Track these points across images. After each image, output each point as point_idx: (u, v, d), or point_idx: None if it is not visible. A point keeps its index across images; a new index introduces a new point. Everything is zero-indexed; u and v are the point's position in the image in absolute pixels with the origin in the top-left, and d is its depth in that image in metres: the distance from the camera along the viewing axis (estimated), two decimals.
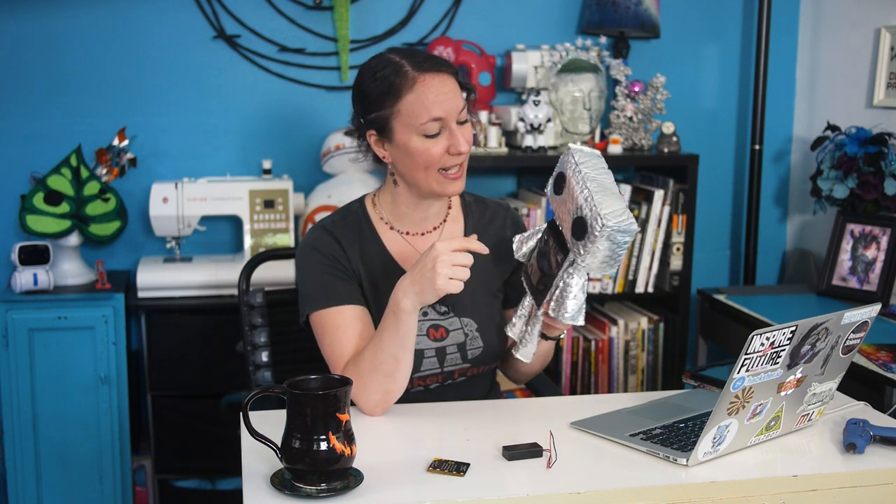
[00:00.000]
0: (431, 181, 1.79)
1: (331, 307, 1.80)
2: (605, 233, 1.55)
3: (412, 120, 1.75)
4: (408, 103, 1.75)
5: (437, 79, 1.76)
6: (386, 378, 1.71)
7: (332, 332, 1.79)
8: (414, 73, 1.75)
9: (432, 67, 1.76)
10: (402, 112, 1.76)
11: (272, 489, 1.41)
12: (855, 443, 1.57)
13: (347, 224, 1.89)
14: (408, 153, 1.78)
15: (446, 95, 1.76)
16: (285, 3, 3.07)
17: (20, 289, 2.73)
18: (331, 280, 1.82)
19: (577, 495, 1.41)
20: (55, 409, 2.75)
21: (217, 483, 2.94)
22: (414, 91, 1.75)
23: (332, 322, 1.80)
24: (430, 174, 1.78)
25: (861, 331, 1.61)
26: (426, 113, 1.74)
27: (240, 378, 2.41)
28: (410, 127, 1.76)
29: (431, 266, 1.64)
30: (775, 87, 3.36)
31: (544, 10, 3.23)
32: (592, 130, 3.09)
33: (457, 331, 1.87)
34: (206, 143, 3.10)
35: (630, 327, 3.10)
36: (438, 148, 1.76)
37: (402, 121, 1.76)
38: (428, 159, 1.77)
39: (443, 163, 1.78)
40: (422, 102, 1.74)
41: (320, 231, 1.87)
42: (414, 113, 1.75)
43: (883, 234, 2.87)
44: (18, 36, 2.95)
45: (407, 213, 1.89)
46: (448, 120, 1.76)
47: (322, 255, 1.84)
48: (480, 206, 1.98)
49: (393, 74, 1.76)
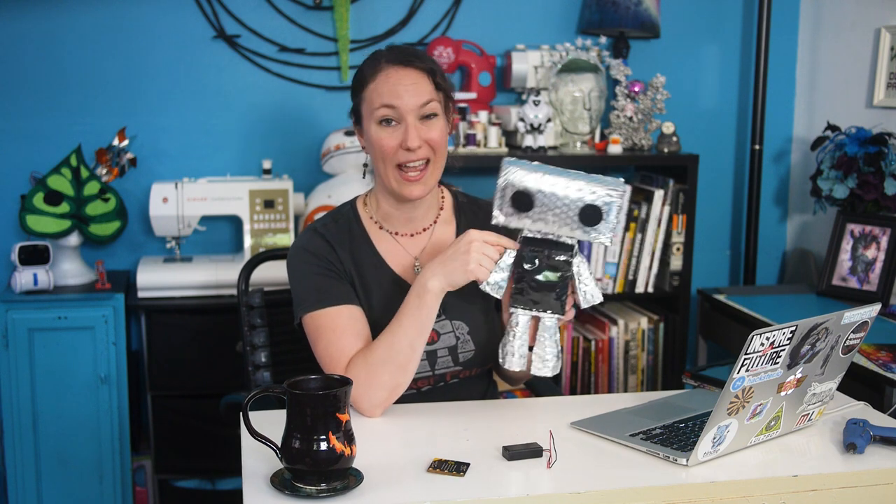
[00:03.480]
0: (391, 177, 1.81)
1: (325, 308, 1.79)
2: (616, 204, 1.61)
3: (370, 106, 1.81)
4: (370, 90, 1.81)
5: (403, 71, 1.80)
6: (398, 370, 1.71)
7: (327, 333, 1.78)
8: (384, 64, 1.81)
9: (402, 61, 1.81)
10: (366, 99, 1.82)
11: (272, 489, 1.41)
12: (855, 443, 1.57)
13: (338, 226, 1.89)
14: (370, 142, 1.84)
15: (406, 87, 1.79)
16: (285, 3, 3.07)
17: (20, 289, 2.73)
18: (323, 281, 1.82)
19: (577, 495, 1.41)
20: (55, 409, 2.75)
21: (217, 483, 2.94)
22: (376, 80, 1.80)
23: (327, 323, 1.78)
24: (389, 169, 1.81)
25: (861, 331, 1.61)
26: (379, 99, 1.79)
27: (240, 378, 2.41)
28: (370, 114, 1.82)
29: (465, 249, 1.66)
30: (775, 87, 3.36)
31: (544, 10, 3.23)
32: (592, 130, 3.09)
33: (448, 334, 1.86)
34: (206, 143, 3.10)
35: (630, 327, 3.10)
36: (392, 140, 1.79)
37: (366, 108, 1.82)
38: (381, 149, 1.80)
39: (397, 158, 1.80)
40: (378, 90, 1.80)
41: (311, 233, 1.87)
42: (371, 100, 1.81)
43: (883, 234, 2.87)
44: (18, 36, 2.95)
45: (391, 213, 1.89)
46: (404, 112, 1.78)
47: (313, 256, 1.84)
48: (473, 206, 1.98)
49: (367, 65, 1.83)
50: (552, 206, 1.62)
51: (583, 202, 1.61)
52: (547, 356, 1.65)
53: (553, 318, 1.65)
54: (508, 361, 1.65)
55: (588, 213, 1.61)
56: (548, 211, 1.62)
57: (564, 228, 1.63)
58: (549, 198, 1.62)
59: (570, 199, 1.61)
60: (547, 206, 1.62)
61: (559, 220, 1.62)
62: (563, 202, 1.61)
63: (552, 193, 1.61)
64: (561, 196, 1.61)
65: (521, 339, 1.65)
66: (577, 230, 1.63)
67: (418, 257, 1.89)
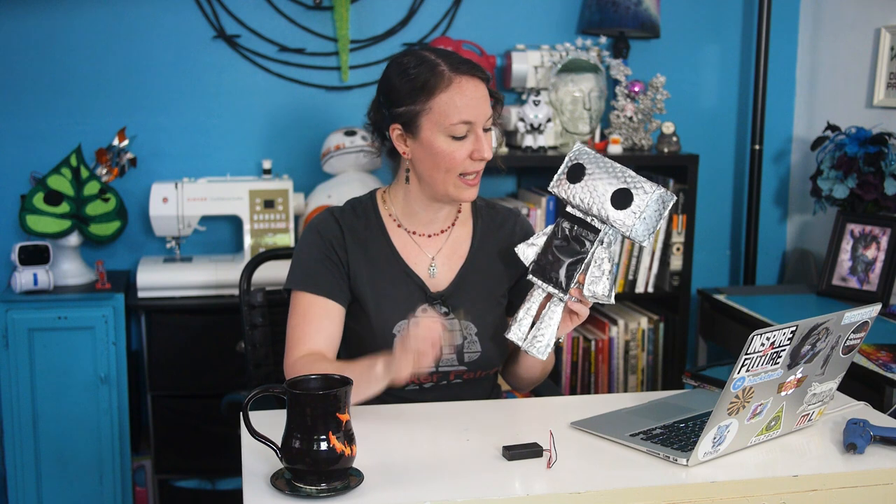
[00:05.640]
0: (449, 184, 1.80)
1: (307, 293, 1.83)
2: (656, 194, 1.66)
3: (442, 119, 1.76)
4: (440, 102, 1.76)
5: (472, 83, 1.78)
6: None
7: (300, 315, 1.82)
8: (450, 74, 1.77)
9: (468, 71, 1.78)
10: (434, 110, 1.77)
11: (272, 489, 1.41)
12: (855, 443, 1.57)
13: (356, 214, 1.90)
14: (431, 152, 1.79)
15: (478, 100, 1.78)
16: (285, 3, 3.07)
17: (20, 289, 2.73)
18: (318, 267, 1.84)
19: (577, 495, 1.41)
20: (55, 409, 2.75)
21: (217, 483, 2.94)
22: (448, 91, 1.76)
23: (303, 307, 1.82)
24: (450, 177, 1.79)
25: (861, 331, 1.61)
26: (457, 114, 1.76)
27: (240, 378, 2.42)
28: (439, 126, 1.77)
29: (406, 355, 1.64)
30: (775, 87, 3.36)
31: (544, 10, 3.23)
32: (592, 130, 3.08)
33: (455, 332, 1.86)
34: (206, 143, 3.10)
35: (630, 327, 3.10)
36: (463, 151, 1.78)
37: (431, 118, 1.77)
38: (451, 161, 1.78)
39: (464, 167, 1.79)
40: (454, 103, 1.76)
41: (328, 215, 1.89)
42: (445, 112, 1.76)
43: (883, 234, 2.87)
44: (19, 36, 2.95)
45: (417, 213, 1.89)
46: (476, 125, 1.78)
47: (320, 237, 1.86)
48: (491, 211, 1.98)
49: (428, 72, 1.77)
50: (596, 181, 1.70)
51: (619, 186, 1.68)
52: (539, 335, 1.72)
53: (559, 302, 1.71)
54: (512, 331, 1.73)
55: (619, 196, 1.68)
56: (591, 184, 1.70)
57: (596, 205, 1.69)
58: (597, 175, 1.70)
59: (612, 180, 1.69)
60: (592, 180, 1.70)
61: (597, 195, 1.69)
62: (606, 181, 1.69)
63: (602, 171, 1.70)
64: (607, 175, 1.69)
65: (527, 310, 1.73)
66: (608, 209, 1.68)
67: (435, 257, 1.90)
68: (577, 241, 1.71)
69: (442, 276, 1.89)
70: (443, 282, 1.88)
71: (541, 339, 1.73)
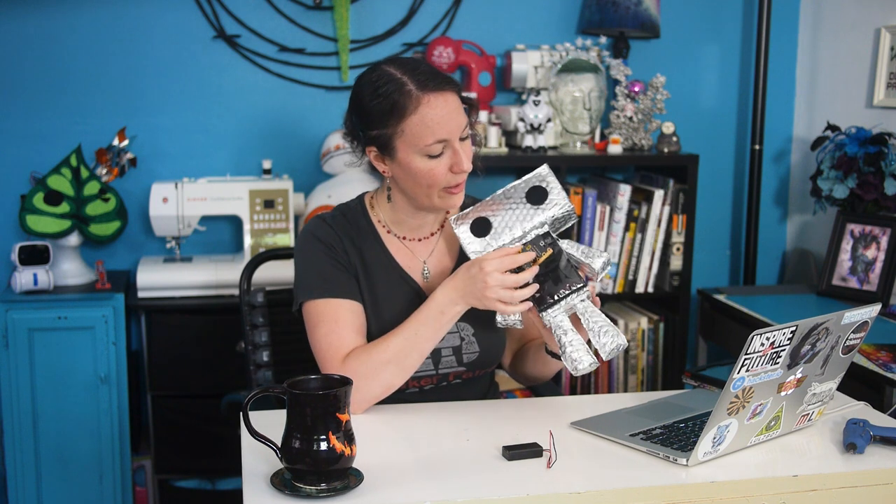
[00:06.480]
0: (433, 197, 1.78)
1: (329, 298, 1.79)
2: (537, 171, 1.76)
3: (416, 141, 1.72)
4: (412, 124, 1.71)
5: (441, 98, 1.72)
6: (400, 372, 1.73)
7: (329, 322, 1.78)
8: (418, 93, 1.71)
9: (436, 87, 1.72)
10: (407, 132, 1.72)
11: (272, 489, 1.41)
12: (855, 443, 1.57)
13: (348, 220, 1.88)
14: (410, 173, 1.76)
15: (450, 115, 1.73)
16: (285, 3, 3.07)
17: (20, 289, 2.73)
18: (330, 270, 1.81)
19: (577, 495, 1.41)
20: (55, 409, 2.75)
21: (217, 483, 2.94)
22: (419, 112, 1.71)
23: (329, 313, 1.78)
24: (433, 191, 1.77)
25: (861, 331, 1.61)
26: (430, 134, 1.72)
27: (240, 378, 2.42)
28: (414, 147, 1.73)
29: (483, 283, 1.67)
30: (775, 87, 3.36)
31: (544, 10, 3.23)
32: (592, 130, 3.09)
33: (453, 334, 1.86)
34: (206, 143, 3.10)
35: (630, 327, 3.10)
36: (442, 167, 1.74)
37: (405, 140, 1.73)
38: (431, 178, 1.75)
39: (446, 181, 1.76)
40: (426, 124, 1.71)
41: (319, 221, 1.87)
42: (418, 134, 1.72)
43: (883, 234, 2.87)
44: (18, 36, 2.95)
45: (405, 220, 1.88)
46: (451, 140, 1.74)
47: (322, 243, 1.83)
48: None
49: (396, 92, 1.72)
50: (507, 214, 1.75)
51: (523, 191, 1.74)
52: (602, 333, 1.68)
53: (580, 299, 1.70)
54: (582, 364, 1.67)
55: (533, 195, 1.74)
56: (506, 221, 1.74)
57: (527, 221, 1.73)
58: (501, 211, 1.75)
59: (513, 198, 1.74)
60: (504, 219, 1.75)
61: (519, 217, 1.74)
62: (511, 204, 1.74)
63: (502, 208, 1.75)
64: (507, 203, 1.75)
65: (573, 336, 1.69)
66: (535, 214, 1.72)
67: (426, 261, 1.90)
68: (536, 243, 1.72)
69: (435, 278, 1.88)
70: (436, 284, 1.88)
71: (605, 339, 1.69)
